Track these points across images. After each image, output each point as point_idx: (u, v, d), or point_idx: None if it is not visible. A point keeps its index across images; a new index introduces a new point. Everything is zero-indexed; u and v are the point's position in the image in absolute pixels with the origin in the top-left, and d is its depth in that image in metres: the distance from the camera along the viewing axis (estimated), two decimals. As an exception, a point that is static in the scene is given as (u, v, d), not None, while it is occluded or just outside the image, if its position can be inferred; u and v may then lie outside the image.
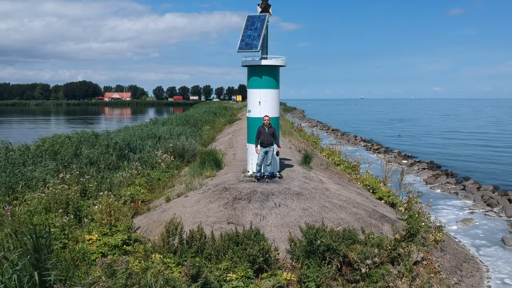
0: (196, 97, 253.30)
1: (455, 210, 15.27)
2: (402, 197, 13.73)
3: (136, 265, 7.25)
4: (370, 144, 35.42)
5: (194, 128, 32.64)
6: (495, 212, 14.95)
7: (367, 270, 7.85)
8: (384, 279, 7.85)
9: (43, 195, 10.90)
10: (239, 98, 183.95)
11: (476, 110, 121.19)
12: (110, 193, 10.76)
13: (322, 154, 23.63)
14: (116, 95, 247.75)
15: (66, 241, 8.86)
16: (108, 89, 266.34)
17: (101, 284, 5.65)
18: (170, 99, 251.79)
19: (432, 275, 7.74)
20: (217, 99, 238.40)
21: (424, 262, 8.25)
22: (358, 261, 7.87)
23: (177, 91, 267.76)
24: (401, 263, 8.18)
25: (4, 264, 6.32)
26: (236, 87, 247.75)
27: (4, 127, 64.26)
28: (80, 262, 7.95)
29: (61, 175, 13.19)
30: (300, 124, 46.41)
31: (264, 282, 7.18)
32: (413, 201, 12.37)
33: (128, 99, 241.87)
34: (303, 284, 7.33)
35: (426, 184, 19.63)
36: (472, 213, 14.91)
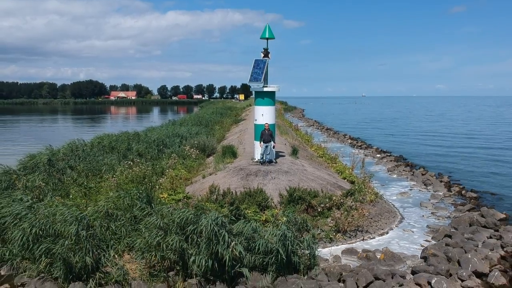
0: (199, 96, 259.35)
1: (400, 187, 21.60)
2: (362, 177, 20.01)
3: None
4: (355, 142, 41.73)
5: (206, 128, 38.94)
6: (427, 189, 21.27)
7: (321, 210, 14.25)
8: (331, 215, 14.24)
9: (125, 173, 17.34)
10: (241, 97, 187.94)
11: (467, 110, 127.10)
12: (173, 169, 17.20)
13: (311, 149, 30.00)
14: (121, 94, 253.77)
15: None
16: (113, 88, 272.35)
17: (190, 205, 12.01)
18: (174, 98, 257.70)
19: (355, 210, 14.10)
20: (214, 99, 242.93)
21: (354, 208, 14.59)
22: (317, 205, 14.27)
23: (181, 90, 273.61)
24: (342, 208, 14.54)
25: (135, 201, 12.70)
26: (238, 85, 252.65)
27: (23, 126, 70.69)
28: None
29: (128, 162, 19.61)
30: (297, 124, 52.74)
31: (265, 214, 13.58)
32: (366, 180, 18.80)
33: (133, 97, 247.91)
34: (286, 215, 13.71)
35: (388, 171, 25.93)
36: (411, 189, 21.23)
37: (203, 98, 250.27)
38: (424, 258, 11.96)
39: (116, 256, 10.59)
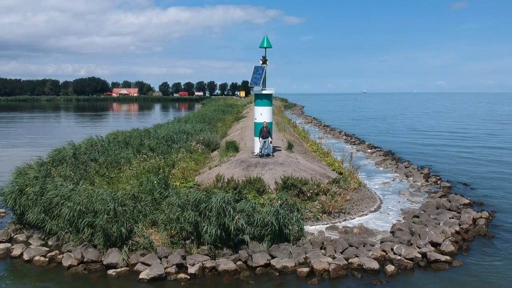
0: (201, 93, 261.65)
1: (384, 178, 24.24)
2: (349, 169, 22.62)
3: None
4: (350, 138, 44.37)
5: (210, 125, 41.55)
6: (408, 180, 23.91)
7: (310, 195, 16.90)
8: (318, 199, 16.89)
9: (142, 164, 19.98)
10: (242, 94, 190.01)
11: (461, 107, 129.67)
12: (183, 162, 19.86)
13: (307, 145, 32.62)
14: (124, 91, 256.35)
15: (164, 185, 17.89)
16: (115, 85, 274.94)
17: (201, 188, 14.65)
18: (176, 95, 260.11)
19: (339, 195, 16.76)
20: (216, 96, 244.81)
21: (338, 193, 17.24)
22: (306, 191, 16.93)
23: (182, 86, 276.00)
24: (328, 193, 17.19)
25: (156, 187, 15.34)
26: (239, 82, 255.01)
27: (33, 123, 73.33)
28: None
29: (142, 156, 22.25)
30: (295, 122, 55.38)
31: (262, 198, 16.24)
32: (352, 171, 21.45)
33: (135, 94, 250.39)
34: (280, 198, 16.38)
35: (375, 164, 28.58)
36: (393, 180, 23.88)
37: (205, 95, 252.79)
38: (393, 232, 14.62)
39: (144, 228, 13.26)
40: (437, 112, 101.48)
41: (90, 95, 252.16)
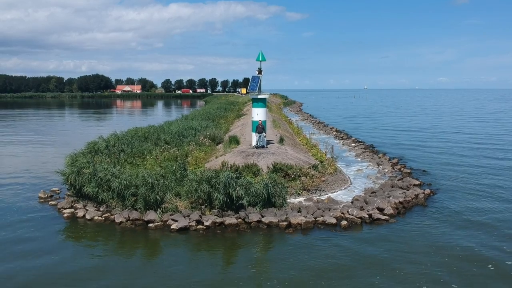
0: (202, 90, 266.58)
1: (359, 166, 29.44)
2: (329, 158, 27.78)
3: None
4: (339, 133, 49.55)
5: (214, 122, 46.74)
6: (378, 168, 29.09)
7: (294, 177, 22.13)
8: (300, 180, 22.10)
9: (163, 154, 25.23)
10: (243, 91, 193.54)
11: (454, 105, 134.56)
12: (196, 152, 25.15)
13: (299, 139, 37.83)
14: (127, 88, 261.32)
15: (182, 169, 23.11)
16: (119, 81, 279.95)
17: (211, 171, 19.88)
18: (178, 92, 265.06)
19: (316, 177, 21.98)
20: (217, 93, 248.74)
21: (316, 176, 22.45)
22: (291, 173, 22.16)
23: (185, 83, 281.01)
24: (307, 175, 22.40)
25: (177, 170, 20.57)
26: (240, 79, 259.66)
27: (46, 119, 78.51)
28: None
29: (161, 148, 27.48)
30: (291, 119, 60.55)
31: (257, 177, 21.47)
32: (331, 160, 26.66)
33: (138, 91, 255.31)
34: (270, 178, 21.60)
35: (355, 156, 33.78)
36: (366, 168, 29.07)
37: (206, 92, 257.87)
38: (352, 202, 19.83)
39: (171, 197, 18.50)
40: (423, 109, 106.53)
41: (94, 92, 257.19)
